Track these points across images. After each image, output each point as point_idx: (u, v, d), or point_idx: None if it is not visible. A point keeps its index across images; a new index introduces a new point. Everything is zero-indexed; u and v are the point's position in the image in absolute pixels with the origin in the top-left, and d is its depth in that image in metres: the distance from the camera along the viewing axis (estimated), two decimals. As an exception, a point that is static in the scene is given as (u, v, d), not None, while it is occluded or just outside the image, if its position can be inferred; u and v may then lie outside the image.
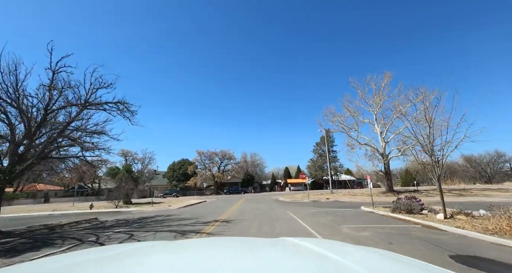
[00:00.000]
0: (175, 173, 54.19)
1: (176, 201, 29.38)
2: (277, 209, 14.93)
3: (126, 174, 26.16)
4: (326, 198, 24.05)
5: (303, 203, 19.31)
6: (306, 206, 16.81)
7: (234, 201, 25.35)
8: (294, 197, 27.10)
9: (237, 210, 15.51)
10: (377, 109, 29.73)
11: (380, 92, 29.26)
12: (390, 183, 28.02)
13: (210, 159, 53.34)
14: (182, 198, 38.39)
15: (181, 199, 34.06)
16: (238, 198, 30.12)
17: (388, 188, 27.60)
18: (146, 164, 68.20)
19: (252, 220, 10.39)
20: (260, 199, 27.59)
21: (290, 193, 42.91)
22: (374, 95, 29.72)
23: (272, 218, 10.90)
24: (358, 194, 27.71)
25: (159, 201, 29.62)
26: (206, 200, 28.39)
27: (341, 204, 17.81)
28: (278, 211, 14.09)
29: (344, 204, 17.74)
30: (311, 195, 28.83)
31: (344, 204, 17.23)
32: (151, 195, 54.91)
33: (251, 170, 61.05)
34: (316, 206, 16.65)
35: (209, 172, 52.51)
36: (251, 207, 16.87)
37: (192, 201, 25.64)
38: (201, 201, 26.56)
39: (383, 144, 28.78)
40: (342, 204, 17.30)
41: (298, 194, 31.72)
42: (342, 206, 16.14)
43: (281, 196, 29.87)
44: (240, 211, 14.49)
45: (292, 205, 17.66)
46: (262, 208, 16.23)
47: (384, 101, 29.00)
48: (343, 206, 16.10)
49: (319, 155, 54.55)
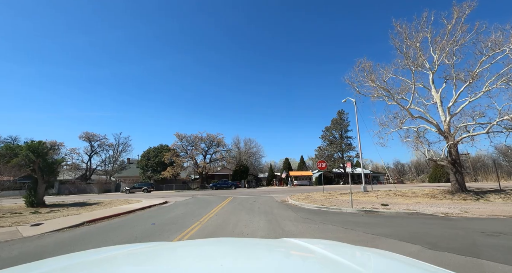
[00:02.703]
0: (150, 162, 43.36)
1: (118, 204, 18.62)
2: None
3: (31, 157, 15.35)
4: (379, 203, 13.59)
5: (351, 216, 8.87)
6: (379, 226, 6.36)
7: (212, 204, 14.85)
8: (311, 197, 16.69)
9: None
10: (436, 65, 19.18)
11: (445, 39, 18.63)
12: (461, 177, 17.74)
13: (194, 145, 42.54)
14: (143, 196, 27.64)
15: (134, 198, 23.39)
16: (223, 197, 19.64)
17: (459, 186, 17.43)
18: (119, 152, 57.25)
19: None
20: (256, 199, 17.12)
21: (295, 189, 32.58)
22: (433, 43, 19.08)
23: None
24: (411, 195, 17.55)
25: (96, 201, 18.93)
26: (169, 201, 17.83)
27: (445, 222, 7.40)
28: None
29: (454, 222, 7.34)
30: (336, 194, 18.44)
31: (463, 224, 6.82)
32: (116, 189, 44.32)
33: (245, 159, 50.45)
34: (419, 236, 6.18)
35: (192, 160, 41.74)
36: (232, 227, 6.42)
37: (133, 206, 14.89)
38: (155, 204, 15.88)
39: (446, 118, 18.47)
40: (454, 223, 6.91)
41: (314, 193, 21.23)
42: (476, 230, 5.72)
43: (287, 195, 19.53)
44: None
45: (339, 227, 7.15)
46: (262, 231, 5.83)
47: (450, 50, 18.46)
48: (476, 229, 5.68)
49: (329, 142, 44.20)
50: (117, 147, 56.50)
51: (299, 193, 20.45)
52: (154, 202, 16.36)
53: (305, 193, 20.13)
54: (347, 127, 43.44)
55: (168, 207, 13.92)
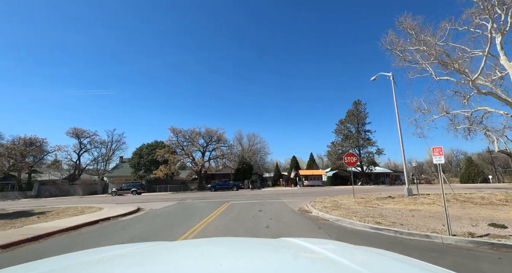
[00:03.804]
0: (143, 160, 38.78)
1: (70, 213, 13.82)
2: None
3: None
4: (471, 219, 8.27)
5: (475, 261, 3.91)
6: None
7: (195, 217, 10.00)
8: (342, 204, 11.54)
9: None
10: (506, 25, 13.92)
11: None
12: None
13: (191, 140, 37.77)
14: (124, 200, 23.01)
15: (107, 203, 18.75)
16: (218, 203, 14.82)
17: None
18: (113, 150, 52.98)
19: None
20: (263, 207, 12.13)
21: (308, 191, 27.54)
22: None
23: None
24: (485, 202, 12.39)
25: (46, 210, 14.23)
26: (142, 209, 13.07)
27: None
28: None
29: None
30: (372, 199, 13.40)
31: None
32: (104, 190, 39.80)
33: (249, 156, 45.36)
34: None
35: (188, 158, 36.96)
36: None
37: (77, 220, 10.09)
38: (116, 215, 11.08)
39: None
40: None
41: (339, 196, 16.09)
42: None
43: (303, 199, 14.54)
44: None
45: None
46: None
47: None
48: None
49: (344, 136, 38.86)
50: (110, 145, 52.39)
51: (320, 197, 15.36)
52: (119, 211, 11.57)
53: (328, 197, 15.02)
54: (365, 119, 38.06)
55: (125, 222, 9.06)
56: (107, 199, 24.79)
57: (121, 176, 43.70)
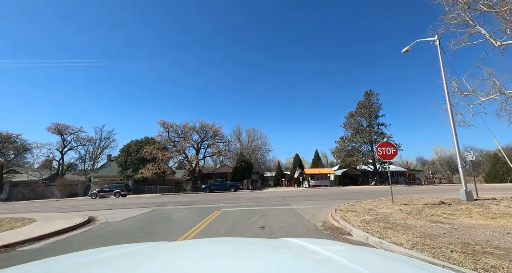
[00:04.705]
0: (130, 158, 34.82)
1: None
2: None
3: None
4: None
5: None
6: None
7: (158, 239, 5.97)
8: (388, 215, 7.58)
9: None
10: None
11: None
12: None
13: (184, 135, 33.80)
14: (97, 205, 19.21)
15: (53, 212, 14.93)
16: (206, 211, 11.00)
17: None
18: (102, 148, 49.04)
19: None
20: (266, 219, 8.16)
21: (316, 192, 23.64)
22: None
23: None
24: None
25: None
26: (97, 221, 9.32)
27: None
28: None
29: None
30: (420, 205, 9.34)
31: None
32: (86, 192, 35.77)
33: (248, 153, 41.25)
34: None
35: (179, 155, 32.98)
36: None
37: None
38: (47, 233, 7.16)
39: None
40: None
41: (370, 201, 11.96)
42: None
43: (318, 204, 10.63)
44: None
45: None
46: None
47: None
48: None
49: (355, 130, 34.83)
50: (98, 142, 48.50)
51: (342, 203, 11.32)
52: (57, 226, 7.67)
53: (354, 203, 10.95)
54: (378, 111, 34.04)
55: (21, 256, 5.13)
56: (81, 203, 20.90)
57: (108, 176, 39.75)
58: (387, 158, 10.18)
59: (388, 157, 10.16)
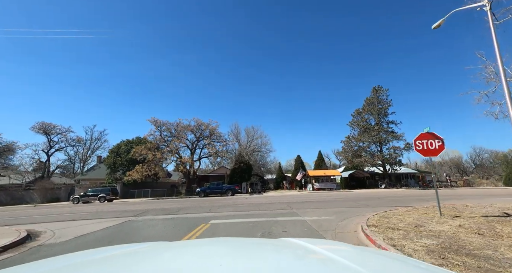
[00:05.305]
0: (120, 160, 32.22)
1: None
2: None
3: None
4: None
5: None
6: None
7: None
8: (442, 232, 4.99)
9: None
10: None
11: None
12: None
13: (177, 134, 31.23)
14: (59, 214, 16.56)
15: None
16: (190, 225, 8.36)
17: None
18: (93, 149, 46.42)
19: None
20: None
21: (322, 197, 21.06)
22: None
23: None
24: None
25: None
26: (36, 239, 6.57)
27: None
28: None
29: None
30: (495, 222, 6.54)
31: None
32: (70, 196, 32.85)
33: (247, 154, 38.56)
34: None
35: (172, 155, 30.35)
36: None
37: None
38: None
39: None
40: None
41: (404, 210, 9.26)
42: None
43: (335, 212, 8.05)
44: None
45: None
46: None
47: None
48: None
49: (362, 129, 32.31)
50: (89, 143, 45.89)
51: (370, 213, 8.73)
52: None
53: (383, 213, 8.36)
54: (388, 108, 31.53)
55: None
56: (54, 210, 18.21)
57: (97, 179, 37.05)
58: (431, 154, 7.62)
59: (432, 152, 7.59)
